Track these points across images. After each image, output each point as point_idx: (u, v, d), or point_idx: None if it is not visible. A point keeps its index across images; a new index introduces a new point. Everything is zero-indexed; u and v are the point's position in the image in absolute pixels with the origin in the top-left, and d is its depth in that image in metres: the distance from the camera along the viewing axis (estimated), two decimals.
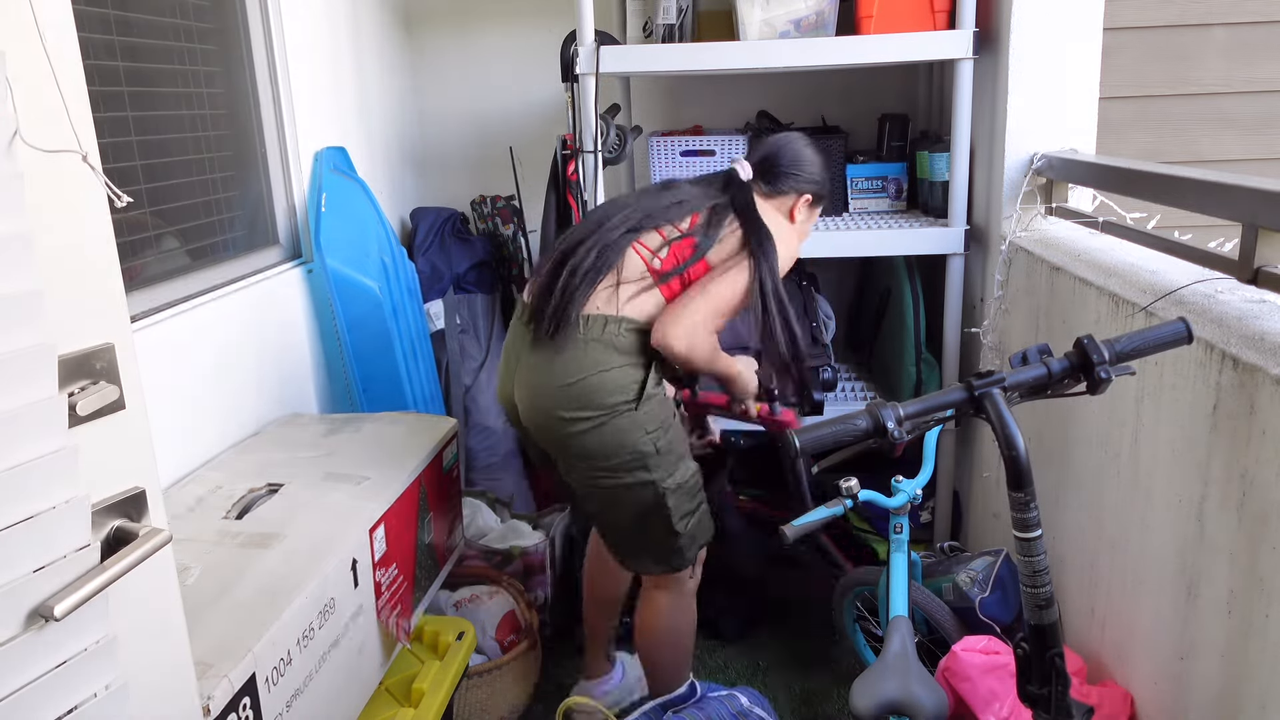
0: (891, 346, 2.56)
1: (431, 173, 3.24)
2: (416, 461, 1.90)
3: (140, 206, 1.85)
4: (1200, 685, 1.30)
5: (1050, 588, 1.22)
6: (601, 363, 1.66)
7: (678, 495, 1.73)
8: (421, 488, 1.90)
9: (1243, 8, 2.81)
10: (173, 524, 1.59)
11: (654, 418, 1.69)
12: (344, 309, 2.34)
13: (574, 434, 1.68)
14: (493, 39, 3.13)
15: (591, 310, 1.67)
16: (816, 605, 2.40)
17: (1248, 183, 1.30)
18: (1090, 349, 1.18)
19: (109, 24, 1.78)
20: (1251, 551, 1.16)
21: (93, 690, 0.87)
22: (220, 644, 1.27)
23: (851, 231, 2.41)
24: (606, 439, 1.67)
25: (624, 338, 1.68)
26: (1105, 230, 1.88)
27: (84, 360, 0.88)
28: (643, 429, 1.68)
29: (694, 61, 2.32)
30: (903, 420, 1.17)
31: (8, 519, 0.79)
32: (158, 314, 1.81)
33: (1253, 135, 2.90)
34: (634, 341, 1.69)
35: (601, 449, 1.68)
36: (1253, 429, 1.15)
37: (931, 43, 2.20)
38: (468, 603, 2.23)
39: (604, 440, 1.67)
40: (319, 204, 2.35)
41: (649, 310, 1.70)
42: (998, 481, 2.17)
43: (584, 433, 1.67)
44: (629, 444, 1.68)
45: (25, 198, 0.80)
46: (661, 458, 1.70)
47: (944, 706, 1.45)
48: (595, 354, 1.66)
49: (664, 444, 1.71)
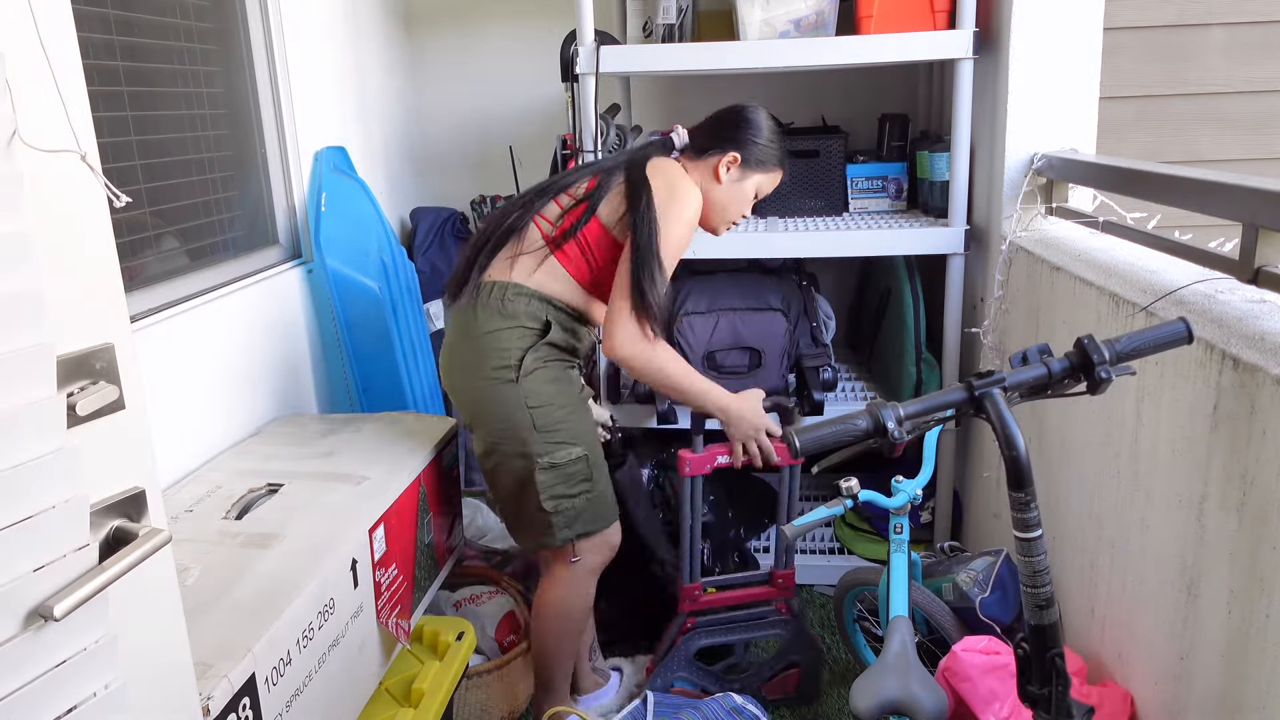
0: (891, 346, 2.56)
1: (431, 173, 3.24)
2: (416, 461, 1.90)
3: (140, 206, 1.85)
4: (1200, 685, 1.30)
5: (1050, 588, 1.22)
6: (486, 325, 1.75)
7: (550, 474, 1.78)
8: (421, 488, 1.90)
9: (1243, 8, 2.81)
10: (173, 524, 1.59)
11: (537, 394, 1.76)
12: (344, 309, 2.34)
13: (465, 399, 1.81)
14: (493, 39, 3.13)
15: (487, 278, 1.79)
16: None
17: (1248, 183, 1.30)
18: (1090, 349, 1.18)
19: (109, 24, 1.78)
20: (1251, 551, 1.16)
21: (92, 690, 0.87)
22: (220, 644, 1.27)
23: (851, 231, 2.41)
24: (490, 407, 1.77)
25: (511, 302, 1.76)
26: (1105, 230, 1.88)
27: (84, 360, 0.88)
28: (522, 402, 1.75)
29: (694, 61, 2.32)
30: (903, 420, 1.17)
31: (7, 519, 0.79)
32: (158, 314, 1.81)
33: (1253, 135, 2.90)
34: (521, 307, 1.76)
35: (485, 416, 1.79)
36: (1253, 429, 1.15)
37: (931, 43, 2.20)
38: (468, 603, 2.23)
39: (488, 407, 1.78)
40: (319, 204, 2.35)
41: (540, 277, 1.79)
42: (998, 481, 2.17)
43: (473, 399, 1.79)
44: (506, 415, 1.76)
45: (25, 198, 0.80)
46: (540, 435, 1.76)
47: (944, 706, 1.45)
48: (484, 317, 1.76)
49: (545, 422, 1.76)
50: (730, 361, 2.46)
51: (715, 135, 1.87)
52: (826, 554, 2.65)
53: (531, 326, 1.77)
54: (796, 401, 2.39)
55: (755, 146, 1.85)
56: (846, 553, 2.64)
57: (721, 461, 1.94)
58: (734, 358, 2.46)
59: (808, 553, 2.66)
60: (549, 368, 1.79)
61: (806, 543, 2.70)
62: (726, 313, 2.46)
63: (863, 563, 2.54)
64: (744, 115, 1.86)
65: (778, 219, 2.62)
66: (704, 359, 2.45)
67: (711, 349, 2.45)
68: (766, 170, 1.88)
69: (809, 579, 2.59)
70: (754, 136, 1.85)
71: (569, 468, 1.79)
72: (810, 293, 2.58)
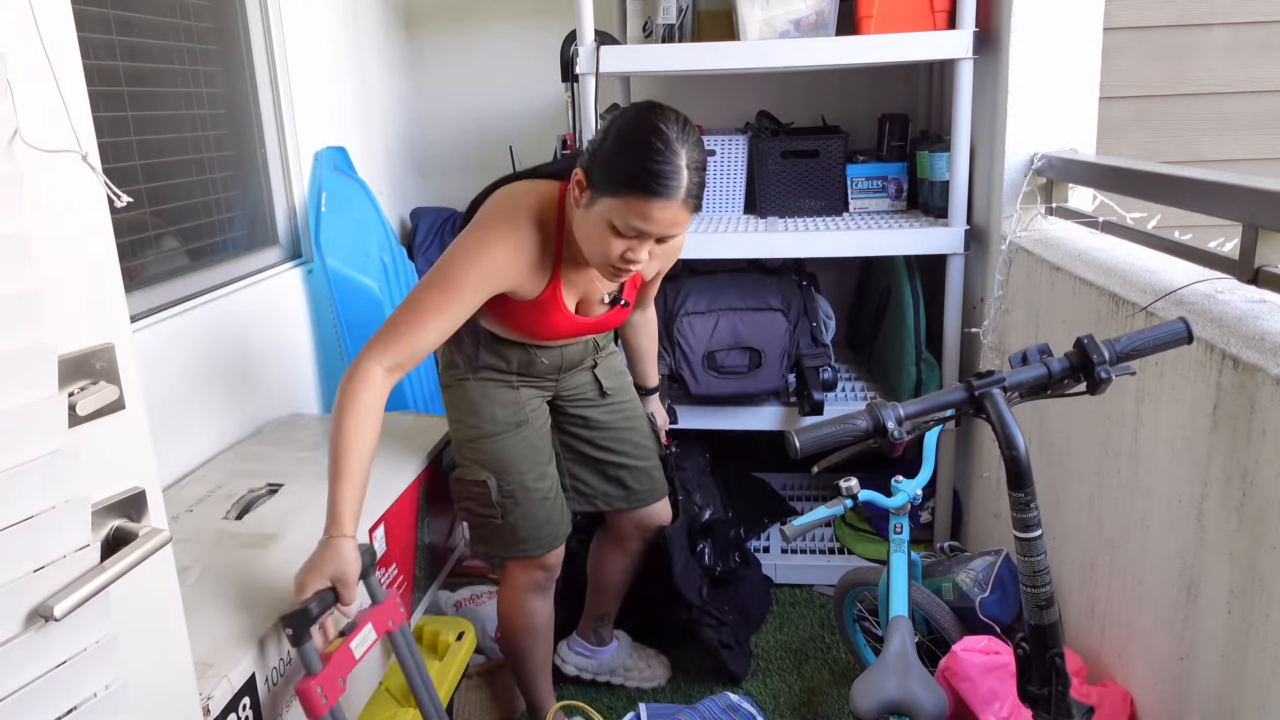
0: (891, 346, 2.56)
1: (431, 173, 3.24)
2: (416, 461, 1.90)
3: (140, 206, 1.85)
4: (1200, 685, 1.30)
5: (1050, 588, 1.22)
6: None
7: (458, 486, 1.81)
8: (421, 488, 1.90)
9: (1243, 8, 2.81)
10: (173, 524, 1.59)
11: (457, 405, 1.78)
12: (344, 309, 2.34)
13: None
14: (493, 39, 3.13)
15: None
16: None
17: (1248, 183, 1.30)
18: (1090, 349, 1.18)
19: (109, 24, 1.78)
20: (1251, 551, 1.16)
21: (92, 690, 0.87)
22: (220, 644, 1.27)
23: (851, 231, 2.40)
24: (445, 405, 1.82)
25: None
26: (1105, 230, 1.88)
27: (84, 360, 0.88)
28: (451, 408, 1.80)
29: (694, 61, 2.32)
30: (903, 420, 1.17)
31: (8, 519, 0.79)
32: (158, 314, 1.81)
33: (1253, 135, 2.90)
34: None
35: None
36: (1253, 429, 1.15)
37: (931, 43, 2.20)
38: (468, 603, 2.23)
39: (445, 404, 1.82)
40: (319, 204, 2.35)
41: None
42: (998, 481, 2.17)
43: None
44: (448, 416, 1.82)
45: (25, 198, 0.80)
46: (457, 445, 1.81)
47: (944, 706, 1.45)
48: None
49: (458, 435, 1.79)
50: (730, 361, 2.46)
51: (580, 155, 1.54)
52: (826, 554, 2.65)
53: (465, 336, 1.69)
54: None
55: (598, 159, 1.45)
56: (846, 553, 2.64)
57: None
58: (734, 358, 2.46)
59: (808, 553, 2.66)
60: (478, 382, 1.74)
61: (806, 542, 2.70)
62: (726, 313, 2.46)
63: (863, 563, 2.54)
64: (612, 119, 1.48)
65: (778, 219, 2.62)
66: (704, 359, 2.45)
67: (711, 349, 2.45)
68: (615, 194, 1.42)
69: (809, 579, 2.59)
70: (601, 145, 1.46)
71: (474, 488, 1.77)
72: (810, 293, 2.58)
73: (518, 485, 1.77)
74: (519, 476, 1.77)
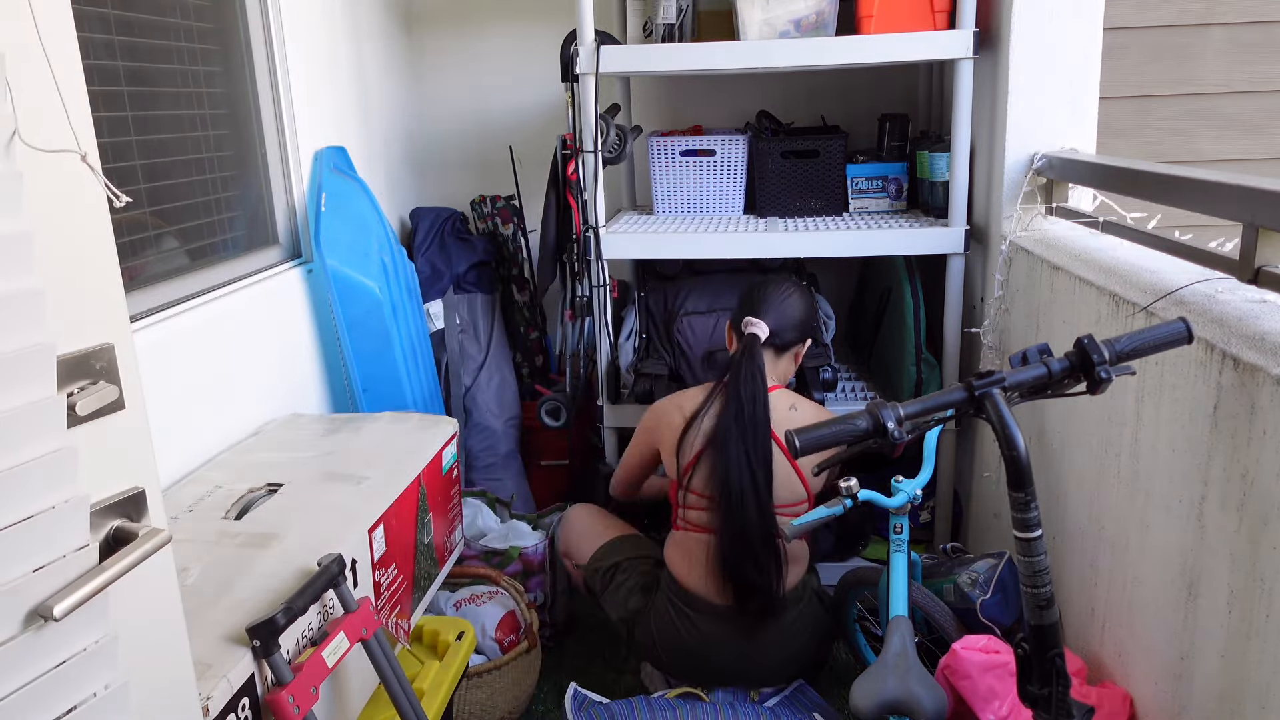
0: (891, 346, 2.56)
1: (431, 173, 3.24)
2: (416, 461, 1.90)
3: (140, 206, 1.85)
4: (1200, 685, 1.30)
5: (1050, 588, 1.22)
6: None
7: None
8: (421, 488, 1.90)
9: (1242, 8, 2.81)
10: (173, 524, 1.59)
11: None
12: (344, 309, 2.34)
13: None
14: (493, 39, 3.13)
15: None
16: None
17: (1248, 183, 1.30)
18: (1090, 349, 1.18)
19: (109, 24, 1.78)
20: (1251, 551, 1.16)
21: (92, 690, 0.87)
22: (220, 644, 1.27)
23: (851, 231, 2.40)
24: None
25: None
26: (1105, 230, 1.88)
27: (83, 360, 0.88)
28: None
29: (694, 61, 2.32)
30: (903, 420, 1.17)
31: (7, 519, 0.79)
32: (158, 314, 1.81)
33: (1253, 135, 2.90)
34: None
35: None
36: (1253, 429, 1.15)
37: (931, 43, 2.20)
38: (468, 603, 2.23)
39: None
40: (319, 204, 2.35)
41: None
42: (998, 481, 2.17)
43: None
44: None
45: (25, 198, 0.80)
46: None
47: (944, 706, 1.45)
48: None
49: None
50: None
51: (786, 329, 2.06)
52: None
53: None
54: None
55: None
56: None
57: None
58: None
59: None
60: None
61: None
62: (726, 313, 2.46)
63: (863, 563, 2.54)
64: (792, 302, 2.10)
65: (778, 219, 2.62)
66: (704, 359, 2.45)
67: (712, 349, 2.45)
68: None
69: None
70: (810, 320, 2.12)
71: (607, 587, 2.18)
72: (810, 293, 2.58)
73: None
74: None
